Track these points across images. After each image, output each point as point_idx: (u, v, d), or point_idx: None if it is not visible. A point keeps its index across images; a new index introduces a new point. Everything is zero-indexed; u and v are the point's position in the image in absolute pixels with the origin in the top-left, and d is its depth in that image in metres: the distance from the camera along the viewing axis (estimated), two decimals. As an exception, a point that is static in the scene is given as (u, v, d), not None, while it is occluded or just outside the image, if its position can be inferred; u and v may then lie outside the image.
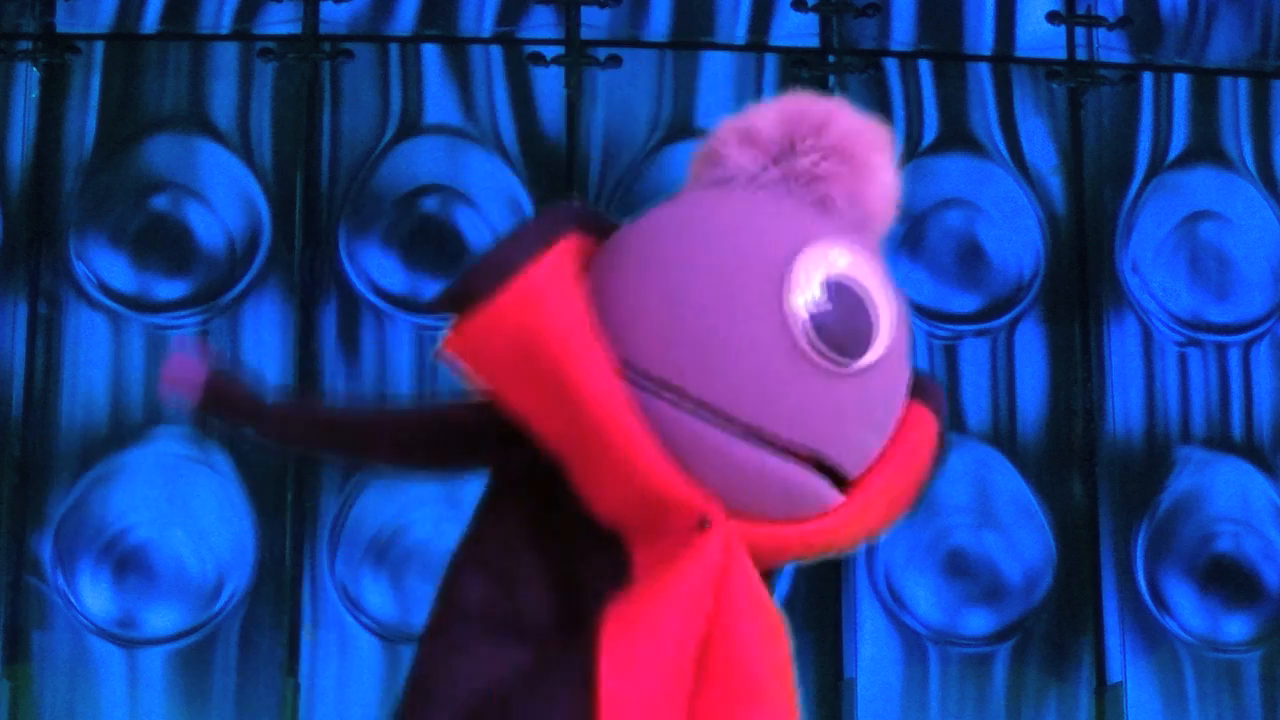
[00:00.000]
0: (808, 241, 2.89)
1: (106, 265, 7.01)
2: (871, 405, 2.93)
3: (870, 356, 2.89)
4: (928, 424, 3.08)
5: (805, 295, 2.86)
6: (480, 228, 7.14)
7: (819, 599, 7.03)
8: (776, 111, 3.01)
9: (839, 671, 6.93)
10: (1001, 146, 7.37)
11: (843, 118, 3.01)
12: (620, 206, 7.31)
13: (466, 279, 2.93)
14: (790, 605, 6.99)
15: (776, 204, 2.95)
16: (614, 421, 2.86)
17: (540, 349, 2.87)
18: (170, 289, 6.91)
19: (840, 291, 2.88)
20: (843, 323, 2.88)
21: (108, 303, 6.95)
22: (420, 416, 3.26)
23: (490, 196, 7.24)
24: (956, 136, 7.37)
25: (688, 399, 2.88)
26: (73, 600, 6.70)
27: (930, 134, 7.36)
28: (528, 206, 7.20)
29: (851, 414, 2.91)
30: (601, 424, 2.86)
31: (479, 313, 2.88)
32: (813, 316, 2.86)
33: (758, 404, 2.87)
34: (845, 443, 2.94)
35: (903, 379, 3.02)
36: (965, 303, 7.26)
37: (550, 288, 2.91)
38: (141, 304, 6.88)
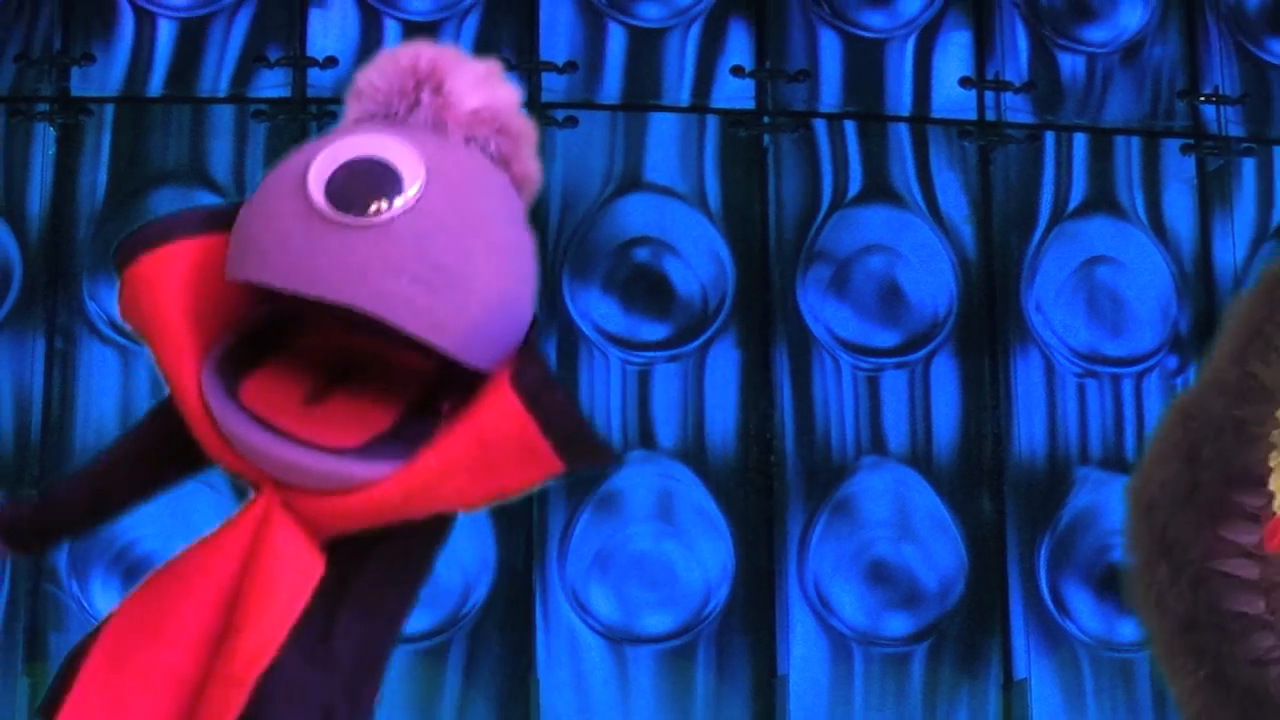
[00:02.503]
0: (343, 136, 2.90)
1: (115, 305, 6.98)
2: (404, 255, 2.86)
3: (387, 208, 2.84)
4: (503, 401, 2.95)
5: (322, 168, 2.85)
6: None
7: (755, 604, 7.05)
8: (377, 68, 3.01)
9: (773, 669, 7.01)
10: (919, 198, 7.43)
11: (433, 49, 3.00)
12: (577, 251, 7.29)
13: (114, 249, 3.05)
14: (729, 610, 7.06)
15: (345, 129, 2.97)
16: (183, 399, 2.94)
17: (145, 326, 3.01)
18: (173, 326, 7.11)
19: (357, 161, 2.86)
20: (352, 183, 2.85)
21: (117, 339, 6.96)
22: (150, 426, 3.21)
23: (461, 243, 7.04)
24: (878, 189, 7.42)
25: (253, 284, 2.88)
26: (86, 605, 6.71)
27: (855, 187, 7.42)
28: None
29: (380, 263, 2.84)
30: (179, 400, 2.96)
31: (119, 286, 3.03)
32: (327, 181, 2.84)
33: (282, 264, 2.85)
34: (383, 294, 2.86)
35: (465, 247, 2.91)
36: (886, 338, 7.32)
37: (156, 276, 2.99)
38: (147, 339, 7.08)
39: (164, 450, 3.11)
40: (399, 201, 2.83)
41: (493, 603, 7.01)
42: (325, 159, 2.85)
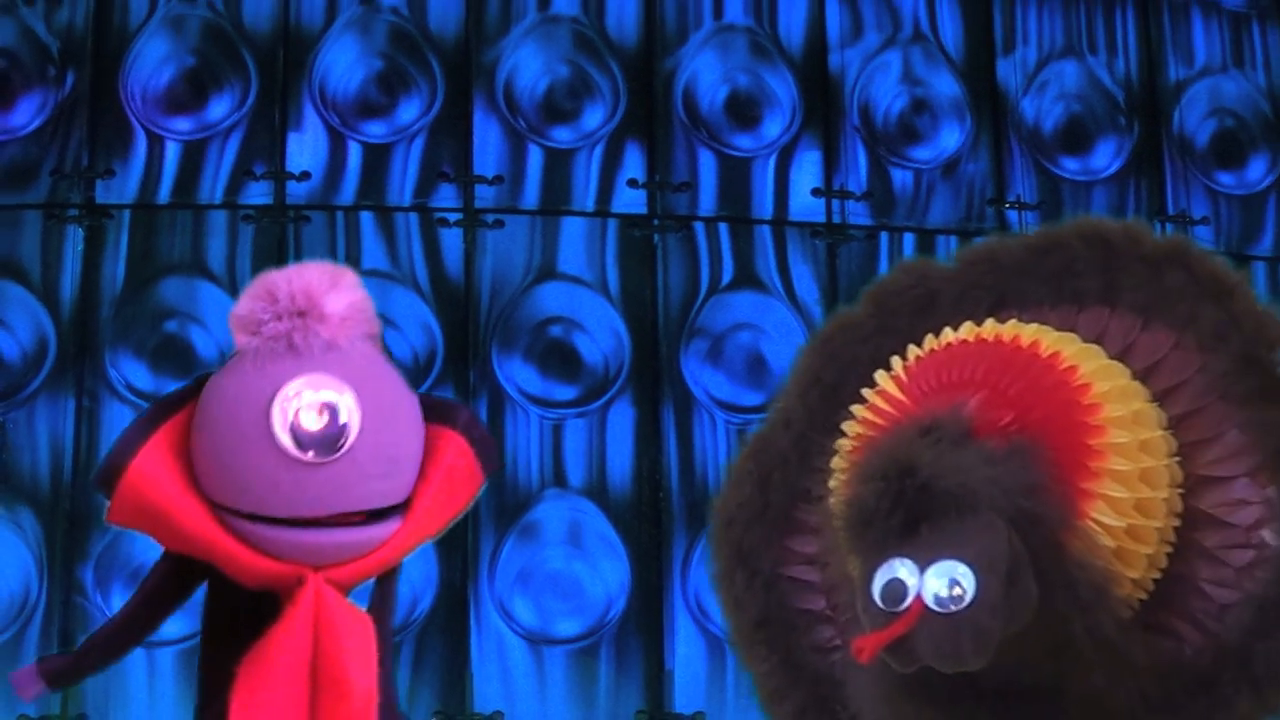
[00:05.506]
0: (279, 386, 3.18)
1: (132, 372, 7.35)
2: (368, 466, 3.17)
3: (346, 443, 3.17)
4: (455, 443, 3.29)
5: (285, 423, 3.16)
6: (402, 345, 7.37)
7: (647, 612, 7.43)
8: (248, 294, 3.32)
9: (662, 664, 7.42)
10: (779, 286, 7.79)
11: (296, 279, 3.28)
12: (503, 328, 7.56)
13: (96, 477, 3.33)
14: (626, 617, 7.37)
15: (260, 362, 3.24)
16: (214, 545, 3.23)
17: (155, 515, 3.25)
18: (178, 389, 6.95)
19: (310, 410, 3.16)
20: (315, 432, 3.15)
21: (133, 399, 7.24)
22: (155, 586, 3.47)
23: (410, 322, 7.51)
24: (746, 278, 7.79)
25: (244, 514, 3.20)
26: (108, 613, 6.72)
27: (727, 276, 7.79)
28: (437, 329, 7.49)
29: (355, 478, 3.17)
30: (210, 549, 3.25)
31: (111, 501, 3.29)
32: (293, 435, 3.17)
33: (277, 501, 3.16)
34: (363, 495, 3.19)
35: (397, 433, 3.22)
36: (753, 398, 7.61)
37: (147, 475, 3.21)
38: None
39: (166, 595, 3.51)
40: (353, 434, 3.23)
41: (435, 612, 7.33)
42: (280, 414, 3.19)
